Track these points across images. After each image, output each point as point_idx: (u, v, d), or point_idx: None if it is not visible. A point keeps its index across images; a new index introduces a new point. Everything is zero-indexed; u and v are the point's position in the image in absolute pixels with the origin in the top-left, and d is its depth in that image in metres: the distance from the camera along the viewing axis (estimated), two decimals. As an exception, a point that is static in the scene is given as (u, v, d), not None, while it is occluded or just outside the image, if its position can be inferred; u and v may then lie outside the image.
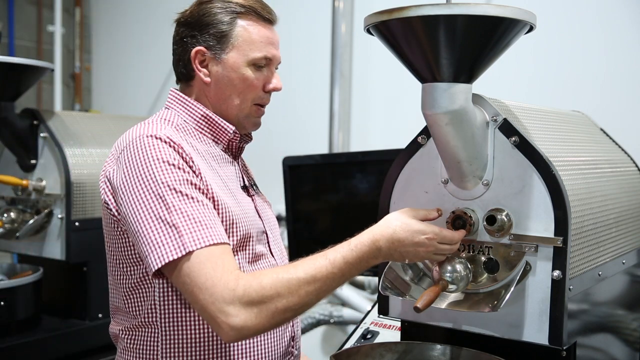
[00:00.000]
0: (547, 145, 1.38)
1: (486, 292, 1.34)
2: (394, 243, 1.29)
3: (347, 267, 1.26)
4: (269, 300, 1.20)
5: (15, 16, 4.22)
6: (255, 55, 1.45)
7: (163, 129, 1.37)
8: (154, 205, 1.26)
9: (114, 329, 1.46)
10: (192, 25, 1.47)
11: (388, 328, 1.78)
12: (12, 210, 2.50)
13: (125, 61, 4.29)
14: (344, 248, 1.28)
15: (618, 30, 2.46)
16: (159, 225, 1.25)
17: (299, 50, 3.38)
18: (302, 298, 1.23)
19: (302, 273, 1.23)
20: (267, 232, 1.51)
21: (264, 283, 1.21)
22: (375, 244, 1.28)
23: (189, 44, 1.47)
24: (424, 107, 1.26)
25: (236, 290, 1.19)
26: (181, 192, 1.27)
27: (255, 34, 1.46)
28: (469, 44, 1.19)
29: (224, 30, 1.44)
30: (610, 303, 1.60)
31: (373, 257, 1.28)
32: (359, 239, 1.29)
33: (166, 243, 1.23)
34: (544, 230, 1.28)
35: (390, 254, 1.30)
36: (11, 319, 2.35)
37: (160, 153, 1.31)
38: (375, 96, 3.17)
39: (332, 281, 1.25)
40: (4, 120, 2.38)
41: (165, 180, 1.28)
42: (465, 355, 1.38)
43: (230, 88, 1.46)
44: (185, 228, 1.24)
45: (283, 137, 3.44)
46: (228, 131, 1.49)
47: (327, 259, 1.26)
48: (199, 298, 1.21)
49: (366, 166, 2.55)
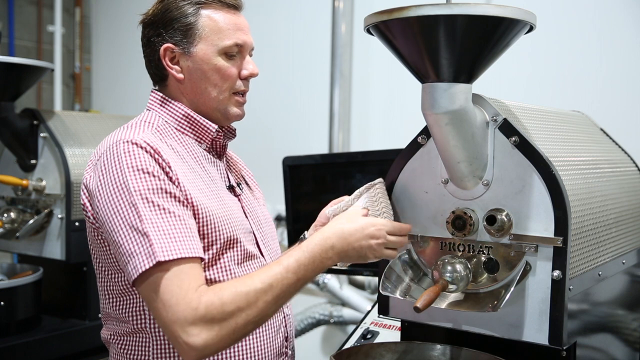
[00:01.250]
0: (547, 145, 1.38)
1: (486, 292, 1.34)
2: (345, 238, 1.30)
3: (302, 270, 1.26)
4: (229, 317, 1.20)
5: (15, 16, 4.22)
6: (225, 44, 1.42)
7: (141, 133, 1.35)
8: (127, 213, 1.25)
9: (105, 334, 1.46)
10: (157, 23, 1.44)
11: (388, 328, 1.78)
12: (12, 210, 2.50)
13: (125, 61, 4.29)
14: (296, 251, 1.28)
15: (618, 30, 2.46)
16: (132, 234, 1.24)
17: (299, 50, 3.38)
18: (261, 309, 1.22)
19: (258, 283, 1.23)
20: (254, 232, 1.49)
21: (224, 299, 1.20)
22: (326, 242, 1.29)
23: (157, 43, 1.44)
24: (424, 107, 1.26)
25: (198, 309, 1.18)
26: (153, 202, 1.25)
27: (221, 21, 1.42)
28: (469, 44, 1.19)
29: (189, 23, 1.41)
30: (610, 303, 1.60)
31: (327, 256, 1.28)
32: (310, 240, 1.30)
33: (139, 253, 1.22)
34: (544, 230, 1.28)
35: (345, 251, 1.30)
36: (11, 319, 2.35)
37: (135, 160, 1.28)
38: (375, 96, 3.17)
39: (288, 287, 1.25)
40: (4, 120, 2.38)
41: (139, 188, 1.25)
42: (465, 355, 1.38)
43: (204, 81, 1.43)
44: (156, 238, 1.22)
45: (283, 137, 3.44)
46: (210, 130, 1.46)
47: (281, 265, 1.26)
48: (162, 315, 1.21)
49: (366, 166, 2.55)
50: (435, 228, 1.41)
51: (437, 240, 1.41)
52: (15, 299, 2.35)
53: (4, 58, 2.28)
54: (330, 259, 1.29)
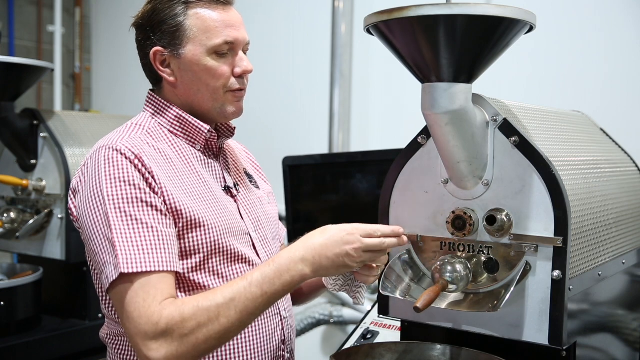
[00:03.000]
0: (547, 145, 1.38)
1: (486, 292, 1.34)
2: (315, 249, 1.25)
3: (267, 284, 1.23)
4: (190, 333, 1.19)
5: (15, 16, 4.22)
6: (214, 43, 1.38)
7: (127, 138, 1.33)
8: (100, 222, 1.25)
9: (102, 333, 1.46)
10: (145, 26, 1.41)
11: (388, 328, 1.78)
12: (12, 210, 2.50)
13: (125, 61, 4.28)
14: (262, 266, 1.26)
15: (618, 30, 2.46)
16: (104, 243, 1.24)
17: (299, 50, 3.38)
18: (223, 325, 1.21)
19: (220, 298, 1.21)
20: (250, 233, 1.47)
21: (185, 314, 1.19)
22: (294, 254, 1.25)
23: (147, 47, 1.42)
24: (424, 107, 1.26)
25: (159, 324, 1.18)
26: (126, 212, 1.24)
27: (209, 20, 1.38)
28: (469, 44, 1.19)
29: (176, 24, 1.37)
30: (610, 303, 1.60)
31: (295, 269, 1.24)
32: (278, 254, 1.28)
33: (109, 263, 1.23)
34: (544, 230, 1.28)
35: (318, 262, 1.24)
36: (11, 319, 2.35)
37: (113, 168, 1.27)
38: (375, 96, 3.17)
39: (252, 302, 1.22)
40: (4, 120, 2.38)
41: (113, 197, 1.25)
42: (465, 355, 1.38)
43: (196, 82, 1.40)
44: (122, 249, 1.21)
45: (283, 137, 3.44)
46: (203, 131, 1.44)
47: (245, 280, 1.24)
48: (126, 326, 1.22)
49: (366, 166, 2.55)
50: (435, 228, 1.41)
51: (437, 240, 1.41)
52: (15, 299, 2.35)
53: (4, 58, 2.28)
54: (300, 272, 1.24)
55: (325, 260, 1.25)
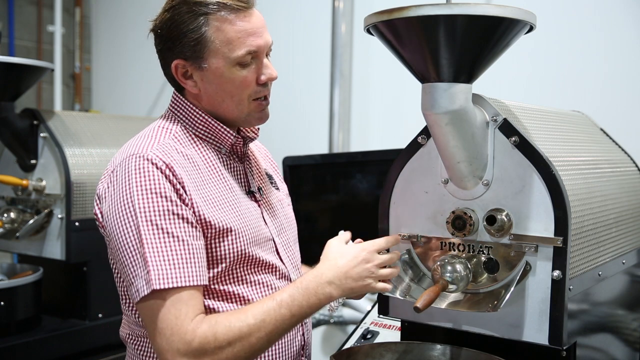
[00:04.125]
0: (547, 145, 1.38)
1: (486, 292, 1.34)
2: (339, 270, 1.30)
3: (296, 306, 1.26)
4: (221, 352, 1.21)
5: (15, 16, 4.22)
6: (237, 54, 1.34)
7: (156, 145, 1.32)
8: (131, 235, 1.24)
9: (123, 333, 1.46)
10: (164, 37, 1.38)
11: (388, 328, 1.78)
12: (12, 210, 2.51)
13: (125, 61, 4.28)
14: (290, 287, 1.29)
15: (618, 30, 2.46)
16: (135, 256, 1.24)
17: (299, 50, 3.38)
18: (253, 345, 1.23)
19: (251, 319, 1.24)
20: (274, 238, 1.47)
21: (217, 334, 1.22)
22: (321, 278, 1.29)
23: (167, 57, 1.39)
24: (423, 107, 1.26)
25: (192, 343, 1.20)
26: (157, 225, 1.24)
27: (231, 31, 1.34)
28: (469, 44, 1.19)
29: (197, 37, 1.33)
30: (610, 303, 1.60)
31: (323, 292, 1.28)
32: (304, 276, 1.32)
33: (140, 277, 1.23)
34: (544, 230, 1.28)
35: (344, 283, 1.30)
36: (11, 319, 2.35)
37: (145, 179, 1.26)
38: (375, 96, 3.17)
39: (282, 322, 1.25)
40: (4, 120, 2.38)
41: (145, 210, 1.24)
42: (465, 355, 1.38)
43: (221, 93, 1.38)
44: (154, 265, 1.22)
45: (283, 137, 3.44)
46: (229, 137, 1.43)
47: (274, 301, 1.26)
48: (156, 342, 1.23)
49: (366, 166, 2.55)
50: (435, 228, 1.41)
51: (437, 240, 1.41)
52: (15, 299, 2.36)
53: (4, 58, 2.28)
54: (328, 294, 1.29)
55: (352, 281, 1.30)
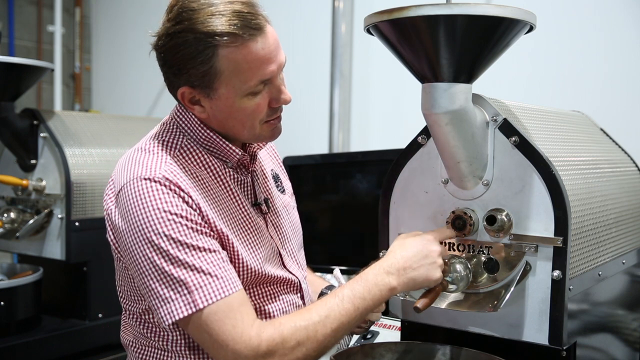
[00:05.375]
0: (547, 145, 1.38)
1: (486, 292, 1.34)
2: (398, 261, 1.28)
3: (359, 299, 1.25)
4: (290, 352, 1.20)
5: (15, 16, 4.22)
6: (249, 85, 1.28)
7: (161, 165, 1.28)
8: (157, 259, 1.21)
9: (125, 339, 1.44)
10: (169, 62, 1.29)
11: (388, 328, 1.78)
12: (12, 210, 2.50)
13: (125, 61, 4.28)
14: (351, 282, 1.28)
15: (618, 30, 2.46)
16: (165, 281, 1.21)
17: (299, 50, 3.38)
18: (321, 342, 1.22)
19: (316, 316, 1.22)
20: (280, 250, 1.45)
21: (285, 334, 1.20)
22: (379, 267, 1.28)
23: (173, 82, 1.32)
24: (423, 107, 1.26)
25: (260, 347, 1.19)
26: (185, 244, 1.21)
27: (242, 61, 1.26)
28: (469, 44, 1.19)
29: (206, 69, 1.25)
30: (610, 303, 1.60)
31: (382, 282, 1.26)
32: (366, 271, 1.30)
33: (175, 299, 1.20)
34: (544, 230, 1.28)
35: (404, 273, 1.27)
36: (11, 319, 2.35)
37: (158, 201, 1.22)
38: (375, 96, 3.16)
39: (347, 317, 1.24)
40: (4, 120, 2.38)
41: (167, 231, 1.21)
42: (465, 355, 1.38)
43: (231, 121, 1.34)
44: (195, 283, 1.19)
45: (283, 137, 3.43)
46: (236, 154, 1.39)
47: (336, 297, 1.25)
48: (220, 355, 1.21)
49: (366, 166, 2.55)
50: (435, 228, 1.41)
51: (437, 240, 1.40)
52: (15, 299, 2.36)
53: (4, 58, 2.28)
54: (387, 284, 1.26)
55: (411, 271, 1.28)
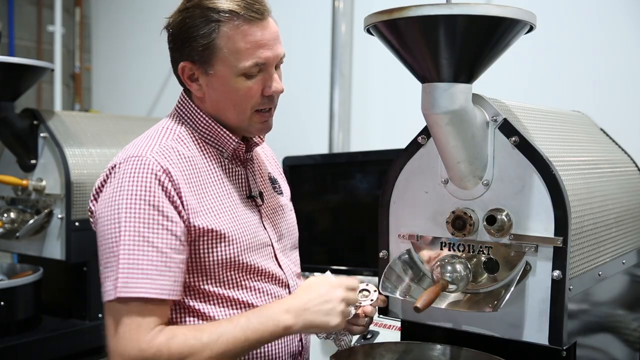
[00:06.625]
0: (547, 145, 1.38)
1: (486, 292, 1.34)
2: (299, 302, 1.29)
3: (251, 329, 1.26)
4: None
5: (15, 16, 4.21)
6: (244, 65, 1.33)
7: (157, 147, 1.32)
8: (111, 237, 1.25)
9: None
10: (175, 37, 1.38)
11: (388, 328, 1.78)
12: (12, 210, 2.51)
13: (125, 61, 4.28)
14: (252, 312, 1.30)
15: (618, 30, 2.46)
16: (110, 258, 1.25)
17: (299, 50, 3.38)
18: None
19: (206, 337, 1.24)
20: (273, 244, 1.47)
21: (172, 347, 1.23)
22: (281, 304, 1.30)
23: (176, 57, 1.39)
24: (423, 107, 1.26)
25: (145, 352, 1.21)
26: (139, 233, 1.24)
27: (240, 41, 1.33)
28: (469, 44, 1.19)
29: (206, 43, 1.33)
30: (610, 303, 1.60)
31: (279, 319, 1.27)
32: (270, 303, 1.33)
33: (109, 280, 1.24)
34: (544, 230, 1.28)
35: (303, 315, 1.28)
36: (11, 319, 2.35)
37: (137, 185, 1.26)
38: (375, 96, 3.16)
39: (234, 345, 1.25)
40: (4, 120, 2.38)
41: (129, 216, 1.24)
42: (465, 355, 1.38)
43: (224, 101, 1.38)
44: (125, 272, 1.22)
45: (283, 137, 3.43)
46: (231, 142, 1.42)
47: (231, 322, 1.27)
48: (112, 342, 1.24)
49: (366, 166, 2.55)
50: (435, 228, 1.41)
51: (437, 240, 1.41)
52: (15, 299, 2.36)
53: (4, 58, 2.28)
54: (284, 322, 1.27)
55: (309, 314, 1.29)
